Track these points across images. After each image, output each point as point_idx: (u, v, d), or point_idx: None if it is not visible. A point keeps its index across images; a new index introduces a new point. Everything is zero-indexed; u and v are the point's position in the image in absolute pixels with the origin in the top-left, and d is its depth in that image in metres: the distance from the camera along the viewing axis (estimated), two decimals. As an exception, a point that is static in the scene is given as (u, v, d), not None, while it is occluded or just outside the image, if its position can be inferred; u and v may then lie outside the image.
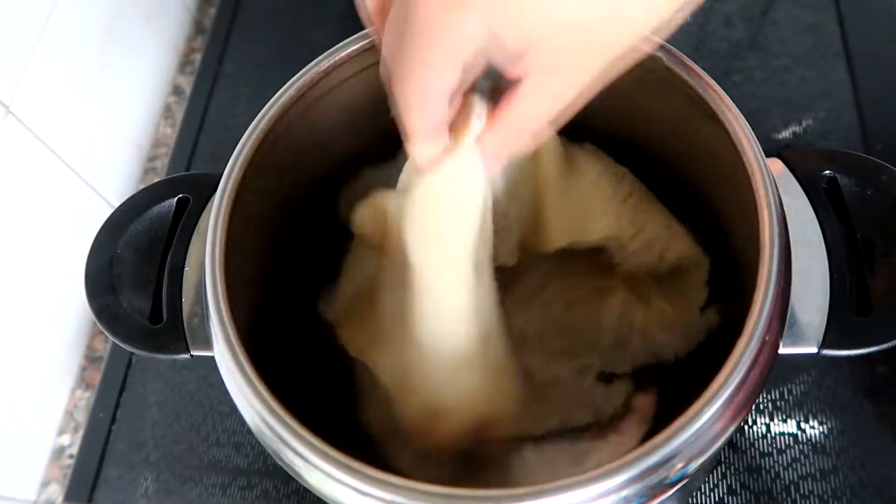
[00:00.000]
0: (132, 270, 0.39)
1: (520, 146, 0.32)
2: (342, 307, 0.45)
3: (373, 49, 0.42)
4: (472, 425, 0.40)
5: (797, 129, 0.64)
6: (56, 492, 0.57)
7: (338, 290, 0.46)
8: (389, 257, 0.40)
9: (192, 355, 0.37)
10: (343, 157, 0.48)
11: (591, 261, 0.45)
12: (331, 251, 0.46)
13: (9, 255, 0.53)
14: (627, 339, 0.46)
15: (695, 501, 0.49)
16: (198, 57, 0.76)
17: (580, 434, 0.43)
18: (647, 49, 0.28)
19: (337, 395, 0.47)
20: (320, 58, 0.41)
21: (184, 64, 0.77)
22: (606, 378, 0.45)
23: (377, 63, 0.43)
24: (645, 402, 0.43)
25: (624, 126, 0.46)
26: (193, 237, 0.39)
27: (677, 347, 0.44)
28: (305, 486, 0.32)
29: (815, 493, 0.49)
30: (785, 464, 0.50)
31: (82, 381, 0.61)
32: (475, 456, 0.41)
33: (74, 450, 0.58)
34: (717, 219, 0.43)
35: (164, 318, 0.37)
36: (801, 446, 0.50)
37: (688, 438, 0.29)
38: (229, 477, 0.54)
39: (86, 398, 0.60)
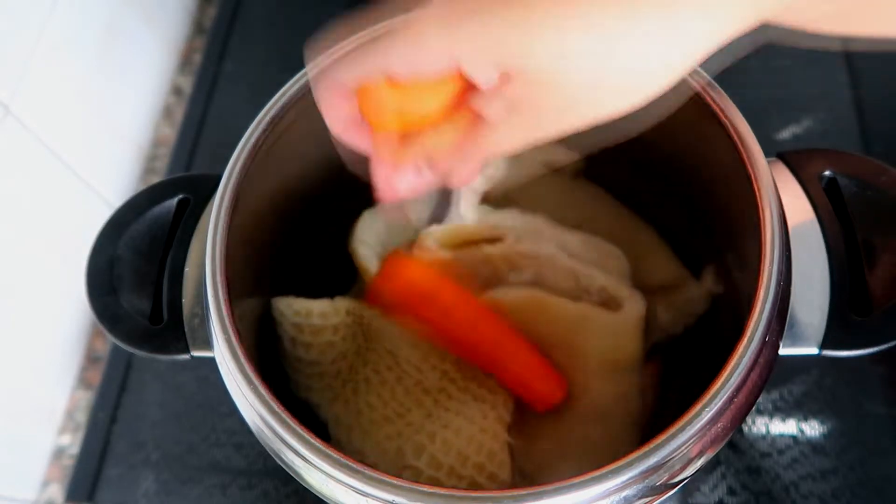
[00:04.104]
0: (133, 271, 0.39)
1: (466, 169, 0.31)
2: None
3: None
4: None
5: (797, 129, 0.63)
6: (56, 492, 0.57)
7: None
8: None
9: (192, 356, 0.37)
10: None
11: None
12: (331, 251, 0.46)
13: (9, 256, 0.53)
14: None
15: (695, 501, 0.49)
16: (198, 57, 0.76)
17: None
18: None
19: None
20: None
21: (184, 64, 0.77)
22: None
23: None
24: (650, 374, 0.45)
25: (624, 126, 0.46)
26: (193, 237, 0.39)
27: (685, 321, 0.45)
28: (305, 486, 0.32)
29: (815, 493, 0.49)
30: (785, 464, 0.50)
31: (82, 382, 0.61)
32: None
33: (74, 450, 0.58)
34: (717, 218, 0.43)
35: (165, 318, 0.37)
36: (801, 447, 0.50)
37: (688, 439, 0.29)
38: (229, 477, 0.54)
39: (86, 398, 0.60)
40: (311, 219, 0.48)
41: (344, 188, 0.50)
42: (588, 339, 0.41)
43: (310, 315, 0.40)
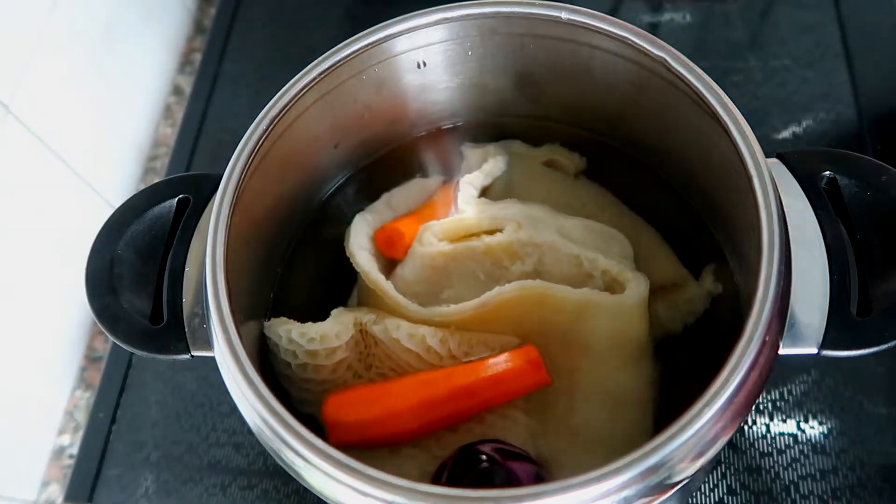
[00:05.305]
0: (133, 271, 0.39)
1: None
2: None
3: (373, 50, 0.42)
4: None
5: (797, 129, 0.64)
6: (56, 492, 0.57)
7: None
8: None
9: (192, 355, 0.37)
10: (343, 157, 0.48)
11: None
12: (332, 250, 0.46)
13: (9, 256, 0.53)
14: None
15: (695, 501, 0.49)
16: (198, 57, 0.76)
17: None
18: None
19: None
20: (320, 58, 0.40)
21: (184, 64, 0.77)
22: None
23: (378, 63, 0.43)
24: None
25: (625, 126, 0.46)
26: (194, 237, 0.39)
27: (685, 320, 0.45)
28: (305, 486, 0.32)
29: (815, 493, 0.49)
30: (785, 464, 0.50)
31: (82, 381, 0.61)
32: None
33: (74, 450, 0.58)
34: (717, 218, 0.43)
35: (165, 318, 0.37)
36: (801, 446, 0.50)
37: (688, 439, 0.29)
38: (229, 477, 0.54)
39: (86, 398, 0.60)
40: (311, 217, 0.48)
41: (343, 188, 0.50)
42: (593, 325, 0.41)
43: (325, 339, 0.40)
